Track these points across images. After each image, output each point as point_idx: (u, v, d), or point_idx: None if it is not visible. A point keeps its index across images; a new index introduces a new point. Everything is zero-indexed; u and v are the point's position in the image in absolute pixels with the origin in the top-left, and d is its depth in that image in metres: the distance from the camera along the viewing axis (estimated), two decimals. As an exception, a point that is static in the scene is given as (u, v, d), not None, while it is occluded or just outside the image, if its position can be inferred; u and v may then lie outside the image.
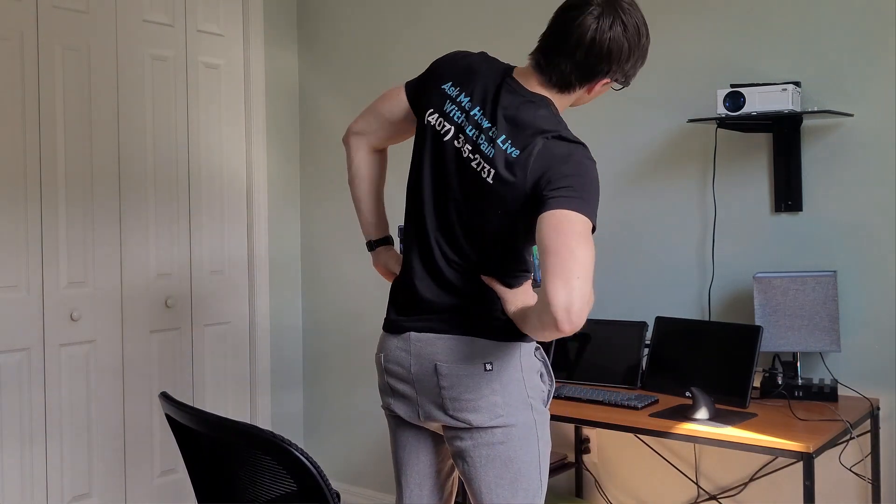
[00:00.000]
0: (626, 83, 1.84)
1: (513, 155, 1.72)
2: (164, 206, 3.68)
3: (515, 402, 1.82)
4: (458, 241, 1.82)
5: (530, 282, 1.88)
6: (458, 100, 1.83)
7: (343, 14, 4.03)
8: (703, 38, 2.96)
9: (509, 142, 1.74)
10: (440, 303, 1.84)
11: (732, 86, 2.70)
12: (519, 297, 1.80)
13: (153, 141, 3.64)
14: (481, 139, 1.77)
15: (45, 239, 3.29)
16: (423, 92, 1.91)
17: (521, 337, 1.82)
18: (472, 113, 1.80)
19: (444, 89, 1.86)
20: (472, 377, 1.80)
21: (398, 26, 3.82)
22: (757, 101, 2.62)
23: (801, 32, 2.77)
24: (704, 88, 2.89)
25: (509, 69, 1.85)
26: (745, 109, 2.63)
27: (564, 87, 1.80)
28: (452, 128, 1.82)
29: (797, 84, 2.68)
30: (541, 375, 1.89)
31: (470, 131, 1.79)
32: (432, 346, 1.83)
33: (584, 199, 1.64)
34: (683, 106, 2.97)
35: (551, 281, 1.56)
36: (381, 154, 2.11)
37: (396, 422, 1.97)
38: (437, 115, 1.85)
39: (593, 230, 1.64)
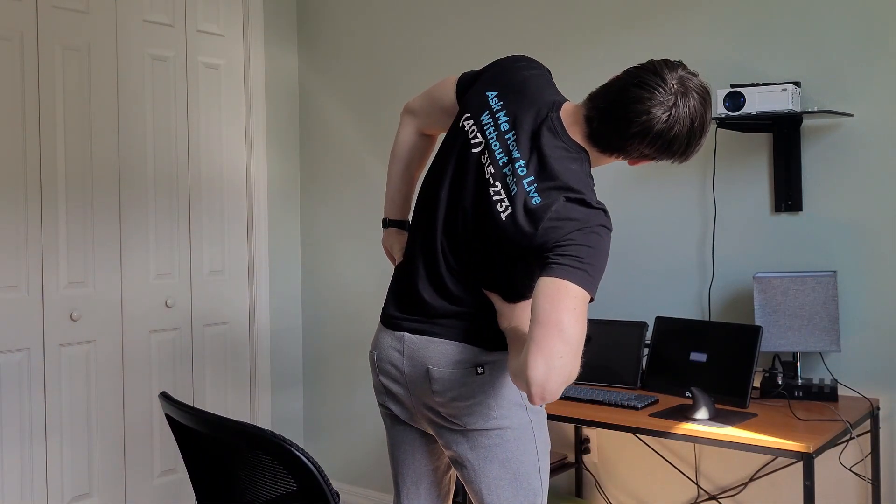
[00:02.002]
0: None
1: (533, 202, 1.66)
2: (164, 205, 3.68)
3: (509, 403, 1.81)
4: (460, 251, 1.79)
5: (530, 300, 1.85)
6: (496, 115, 1.77)
7: (343, 14, 4.03)
8: (703, 38, 2.96)
9: (535, 185, 1.67)
10: (438, 307, 1.82)
11: (732, 86, 2.70)
12: (515, 314, 1.78)
13: (153, 141, 3.64)
14: (508, 170, 1.70)
15: (45, 239, 3.29)
16: (469, 89, 1.86)
17: None
18: (506, 136, 1.74)
19: (488, 97, 1.80)
20: (465, 381, 1.79)
21: (398, 26, 3.82)
22: (757, 101, 2.62)
23: (801, 32, 2.77)
24: (704, 88, 2.88)
25: (558, 104, 1.76)
26: (745, 109, 2.63)
27: (607, 151, 1.74)
28: (483, 142, 1.76)
29: (797, 84, 2.68)
30: None
31: (498, 154, 1.73)
32: (425, 350, 1.82)
33: (588, 273, 1.58)
34: (683, 106, 2.97)
35: (533, 354, 1.53)
36: (427, 139, 2.08)
37: (392, 420, 1.96)
38: (471, 122, 1.80)
39: (591, 300, 1.60)
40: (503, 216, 1.69)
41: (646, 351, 2.87)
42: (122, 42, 3.54)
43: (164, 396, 1.63)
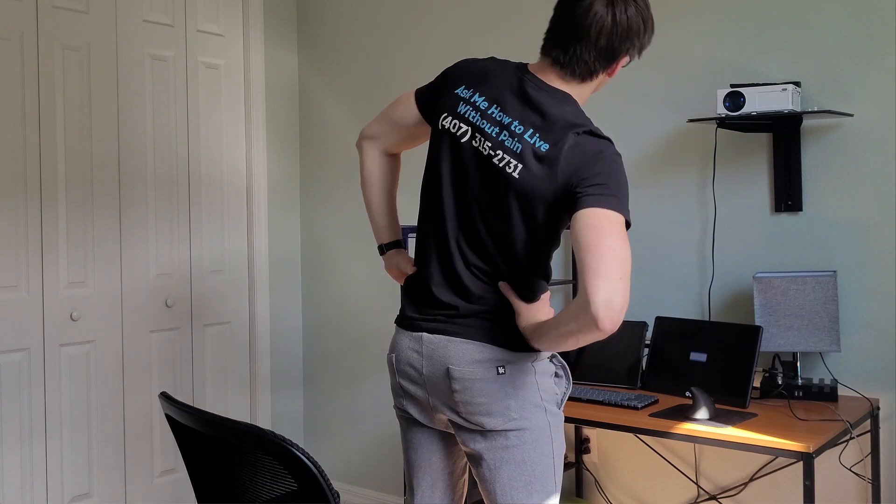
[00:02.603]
0: (639, 55, 1.84)
1: (542, 149, 1.71)
2: (164, 205, 3.68)
3: (528, 405, 1.81)
4: (482, 244, 1.80)
5: (548, 295, 1.85)
6: (472, 100, 1.82)
7: (343, 14, 4.03)
8: (703, 38, 2.96)
9: (537, 135, 1.72)
10: (458, 306, 1.82)
11: (732, 86, 2.70)
12: (532, 313, 1.79)
13: (153, 141, 3.64)
14: (504, 135, 1.75)
15: (45, 239, 3.29)
16: (435, 99, 1.90)
17: (534, 349, 1.81)
18: (489, 112, 1.79)
19: (458, 93, 1.85)
20: (485, 381, 1.79)
21: (398, 26, 3.82)
22: (757, 101, 2.62)
23: (801, 32, 2.77)
24: (704, 88, 2.89)
25: (523, 66, 1.84)
26: (745, 109, 2.63)
27: (587, 75, 1.79)
28: (469, 128, 1.80)
29: (797, 84, 2.68)
30: (556, 376, 1.88)
31: (489, 129, 1.77)
32: (445, 350, 1.82)
33: (619, 198, 1.64)
34: (683, 106, 2.97)
35: (592, 279, 1.54)
36: (394, 158, 2.10)
37: (408, 423, 1.96)
38: (451, 118, 1.83)
39: (628, 226, 1.64)
40: (515, 174, 1.73)
41: (646, 351, 2.87)
42: (122, 42, 3.53)
43: (164, 396, 1.63)
